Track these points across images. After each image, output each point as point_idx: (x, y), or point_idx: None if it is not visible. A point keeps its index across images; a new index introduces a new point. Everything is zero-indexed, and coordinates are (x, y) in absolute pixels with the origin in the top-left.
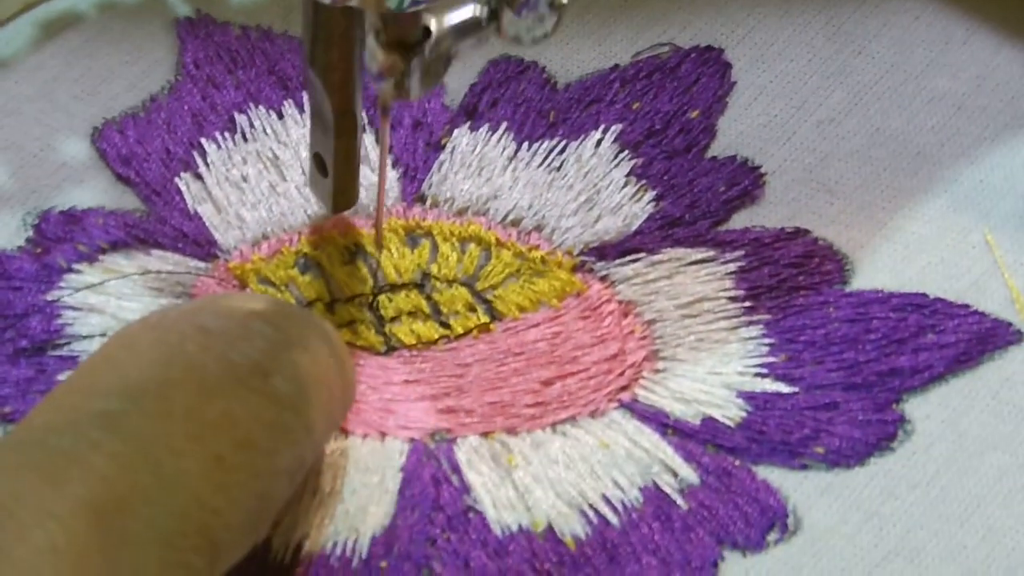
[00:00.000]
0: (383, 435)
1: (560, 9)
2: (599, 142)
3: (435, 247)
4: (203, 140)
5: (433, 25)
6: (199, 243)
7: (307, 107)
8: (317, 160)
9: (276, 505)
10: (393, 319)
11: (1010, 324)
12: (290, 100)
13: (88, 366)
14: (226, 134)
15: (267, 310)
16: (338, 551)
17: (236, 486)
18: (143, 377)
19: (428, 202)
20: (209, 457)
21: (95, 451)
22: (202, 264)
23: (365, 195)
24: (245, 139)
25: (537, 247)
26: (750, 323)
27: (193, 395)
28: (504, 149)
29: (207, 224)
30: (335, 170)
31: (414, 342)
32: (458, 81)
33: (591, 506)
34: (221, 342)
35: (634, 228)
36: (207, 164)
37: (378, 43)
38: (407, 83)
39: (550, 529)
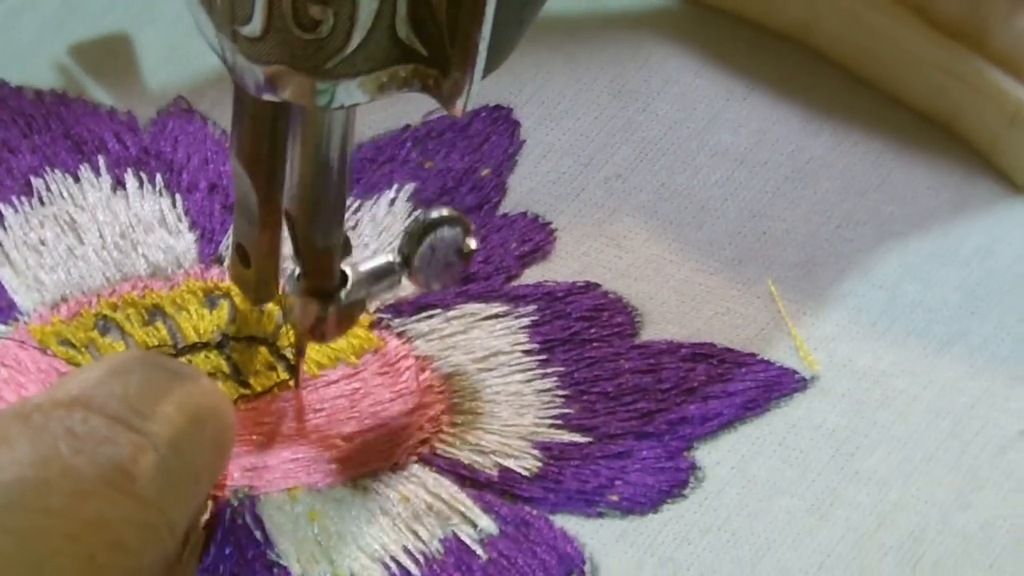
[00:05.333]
0: None
1: (468, 256)
2: (393, 201)
3: (234, 308)
4: (0, 204)
5: (349, 272)
6: None
7: (103, 170)
8: (239, 250)
9: None
10: None
11: (795, 372)
12: (86, 164)
13: None
14: (23, 198)
15: (134, 395)
16: None
17: None
18: (22, 475)
19: (226, 263)
20: (84, 556)
21: None
22: (2, 327)
23: (163, 258)
24: (42, 203)
25: None
26: (544, 375)
27: (69, 495)
28: None
29: (6, 287)
30: (257, 262)
31: None
32: None
33: (393, 558)
34: (91, 443)
35: None
36: (4, 228)
37: (296, 291)
38: (323, 328)
39: None
